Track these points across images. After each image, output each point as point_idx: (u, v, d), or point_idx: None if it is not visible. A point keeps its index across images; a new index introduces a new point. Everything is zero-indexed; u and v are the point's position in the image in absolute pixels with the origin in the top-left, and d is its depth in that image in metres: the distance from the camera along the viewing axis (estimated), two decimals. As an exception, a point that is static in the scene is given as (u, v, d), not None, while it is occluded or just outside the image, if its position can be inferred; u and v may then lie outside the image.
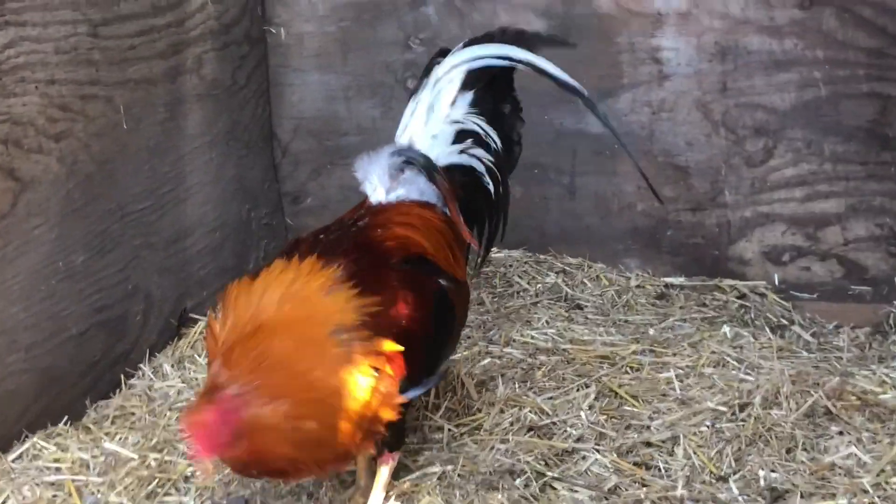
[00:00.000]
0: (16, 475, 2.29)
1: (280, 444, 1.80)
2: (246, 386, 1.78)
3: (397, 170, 2.22)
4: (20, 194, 2.32)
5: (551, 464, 2.25)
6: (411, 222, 2.14)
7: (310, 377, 1.82)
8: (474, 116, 2.35)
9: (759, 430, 2.30)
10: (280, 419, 1.79)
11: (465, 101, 2.35)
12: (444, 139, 2.33)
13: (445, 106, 2.34)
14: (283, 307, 1.87)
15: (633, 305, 3.02)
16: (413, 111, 2.36)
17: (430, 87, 2.35)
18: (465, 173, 2.34)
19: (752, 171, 3.07)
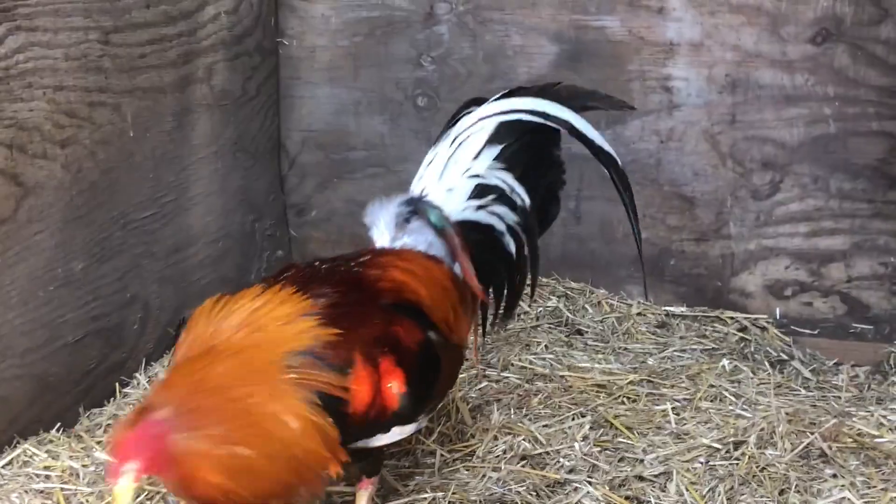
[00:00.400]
0: (5, 481, 2.28)
1: (210, 471, 1.69)
2: (179, 409, 1.69)
3: (404, 219, 2.12)
4: (22, 200, 2.31)
5: (543, 495, 2.23)
6: (412, 269, 2.03)
7: (247, 403, 1.73)
8: (500, 171, 2.21)
9: (752, 469, 2.29)
10: (210, 445, 1.69)
11: (492, 154, 2.21)
12: (460, 193, 2.19)
13: (467, 159, 2.20)
14: (238, 332, 1.80)
15: (633, 333, 3.01)
16: (430, 161, 2.23)
17: (452, 137, 2.22)
18: (480, 231, 2.20)
19: (758, 205, 3.06)
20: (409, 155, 3.27)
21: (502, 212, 2.22)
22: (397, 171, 3.29)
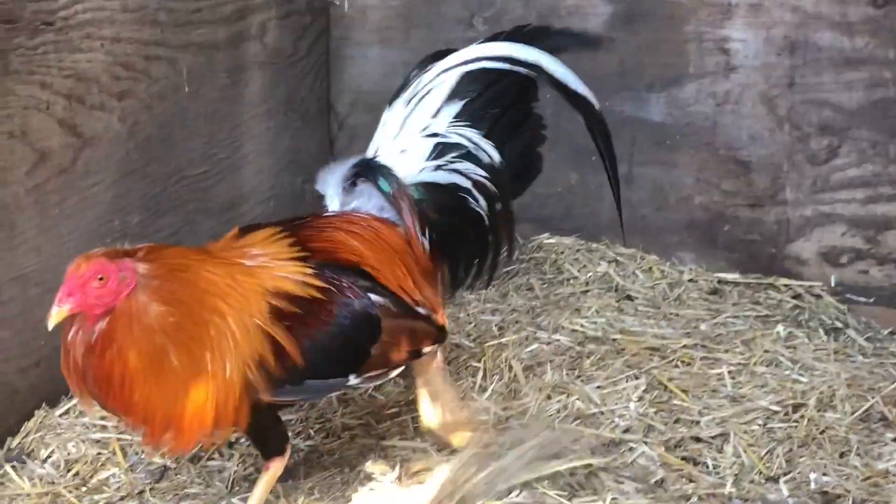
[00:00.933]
0: (62, 430, 2.30)
1: (134, 348, 1.72)
2: (157, 279, 1.74)
3: (351, 183, 2.05)
4: (80, 151, 2.32)
5: (598, 454, 2.21)
6: (356, 231, 1.97)
7: (208, 317, 1.77)
8: (462, 128, 2.07)
9: (812, 432, 2.26)
10: (154, 327, 1.72)
11: (453, 111, 2.08)
12: (417, 154, 2.07)
13: (424, 118, 2.08)
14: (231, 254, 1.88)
15: (684, 300, 2.97)
16: (384, 123, 2.13)
17: (407, 96, 2.12)
18: (443, 192, 2.07)
19: (815, 170, 3.01)
20: (459, 118, 3.25)
21: (466, 168, 2.08)
22: (447, 134, 3.26)
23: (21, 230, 2.21)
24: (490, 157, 2.09)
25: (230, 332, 1.78)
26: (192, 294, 1.78)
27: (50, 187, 2.26)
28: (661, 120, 3.09)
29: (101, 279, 1.71)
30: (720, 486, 2.11)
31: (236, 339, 1.78)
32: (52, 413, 2.34)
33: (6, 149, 2.15)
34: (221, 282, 1.80)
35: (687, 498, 2.07)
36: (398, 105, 2.12)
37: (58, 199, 2.28)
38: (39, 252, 2.25)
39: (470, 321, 2.85)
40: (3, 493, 2.13)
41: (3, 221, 2.16)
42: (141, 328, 1.73)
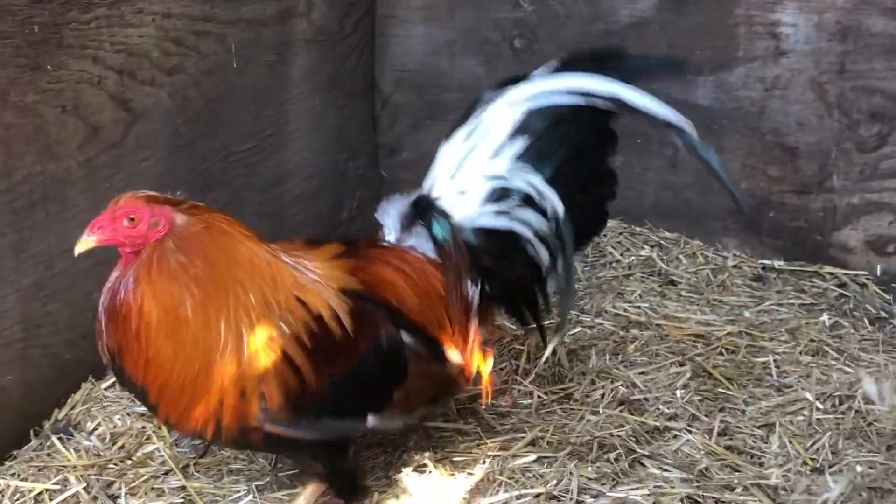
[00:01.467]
0: (108, 403, 2.32)
1: (154, 301, 1.69)
2: (191, 236, 1.71)
3: (409, 222, 1.98)
4: (131, 125, 2.32)
5: (642, 440, 2.21)
6: (405, 270, 1.90)
7: (237, 299, 1.72)
8: (526, 171, 1.95)
9: (858, 423, 2.24)
10: (180, 283, 1.69)
11: (516, 149, 1.95)
12: (476, 196, 1.96)
13: (484, 156, 1.95)
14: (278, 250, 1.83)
15: (728, 286, 2.95)
16: (441, 157, 2.01)
17: (468, 130, 1.99)
18: (502, 240, 1.98)
19: (864, 157, 2.97)
20: (504, 98, 3.23)
21: (527, 217, 1.97)
22: (491, 114, 3.24)
23: (72, 203, 2.22)
24: (553, 207, 1.96)
25: (251, 308, 1.72)
26: (222, 258, 1.73)
27: (101, 161, 2.27)
28: (709, 104, 3.06)
29: (133, 219, 1.71)
30: (765, 476, 2.10)
31: (253, 320, 1.72)
32: (98, 386, 2.36)
33: (59, 122, 2.16)
34: (257, 261, 1.75)
35: (731, 488, 2.07)
36: (457, 138, 2.00)
37: (108, 174, 2.29)
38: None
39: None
40: (50, 464, 2.15)
41: (56, 195, 2.17)
42: (160, 274, 1.69)
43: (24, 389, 2.19)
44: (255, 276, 1.75)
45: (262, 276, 1.75)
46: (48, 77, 2.12)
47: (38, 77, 2.09)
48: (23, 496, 2.06)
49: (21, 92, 2.06)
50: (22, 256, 2.13)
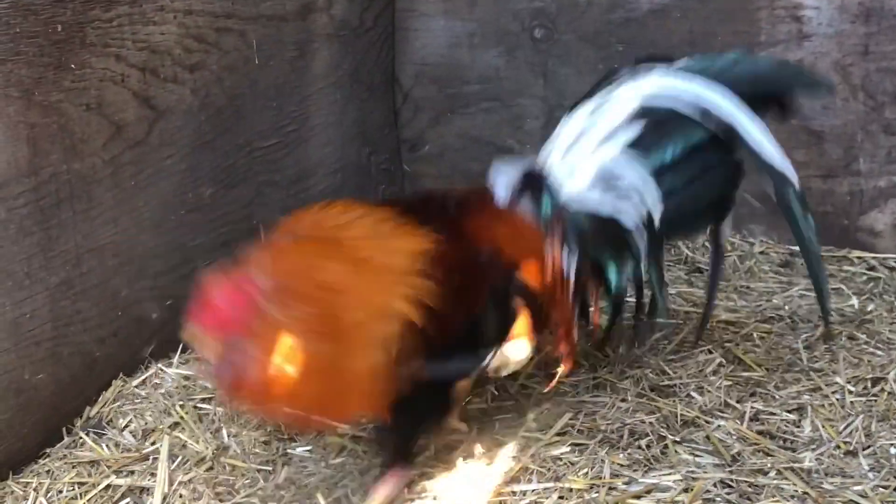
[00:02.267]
0: (139, 400, 2.33)
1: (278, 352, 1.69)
2: (278, 282, 1.71)
3: (518, 193, 2.00)
4: (154, 123, 2.33)
5: (672, 427, 2.19)
6: (518, 233, 1.96)
7: (338, 307, 1.74)
8: (640, 160, 1.98)
9: (892, 406, 2.22)
10: (291, 327, 1.69)
11: (633, 136, 1.99)
12: (586, 177, 2.00)
13: (602, 137, 1.99)
14: (357, 236, 1.83)
15: (756, 272, 2.93)
16: (561, 132, 2.03)
17: (591, 107, 2.02)
18: (606, 225, 2.02)
19: (890, 140, 2.94)
20: (525, 89, 3.22)
21: (634, 205, 2.01)
22: (512, 106, 3.24)
23: (98, 202, 2.23)
24: (654, 203, 2.01)
25: (361, 320, 1.74)
26: (315, 293, 1.73)
27: (125, 159, 2.28)
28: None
29: (224, 300, 1.69)
30: (798, 460, 2.08)
31: (368, 326, 1.75)
32: (129, 383, 2.37)
33: (83, 121, 2.17)
34: (346, 275, 1.76)
35: (764, 472, 2.05)
36: (579, 114, 2.02)
37: (133, 171, 2.30)
38: (116, 223, 2.28)
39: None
40: (82, 460, 2.17)
41: (82, 193, 2.19)
42: (273, 333, 1.69)
43: (55, 387, 2.20)
44: (352, 291, 1.76)
45: (359, 285, 1.76)
46: (72, 76, 2.13)
47: (62, 76, 2.11)
48: (57, 493, 2.08)
49: (45, 91, 2.08)
50: (50, 255, 2.14)
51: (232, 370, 1.70)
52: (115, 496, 2.07)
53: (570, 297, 2.00)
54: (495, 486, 2.03)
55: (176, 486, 2.08)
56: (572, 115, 2.05)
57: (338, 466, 2.13)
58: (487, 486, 2.03)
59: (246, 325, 1.68)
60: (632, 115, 1.99)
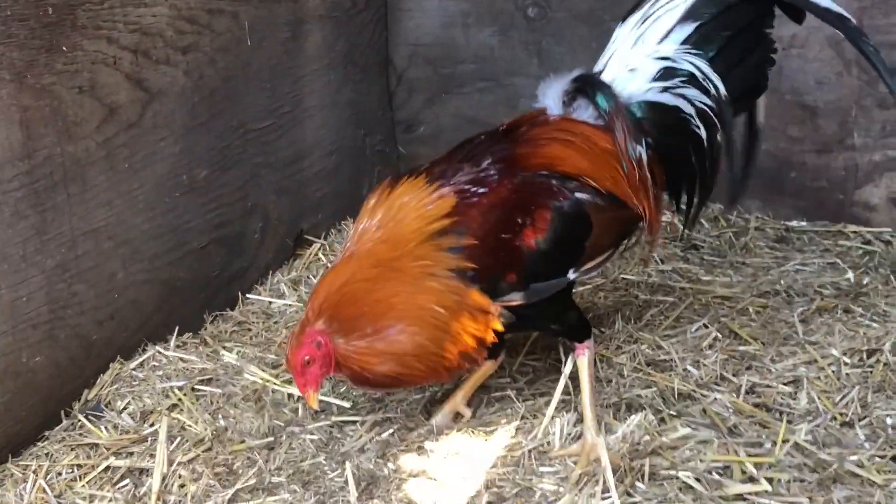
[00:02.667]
0: (136, 383, 2.34)
1: (377, 363, 1.92)
2: (332, 318, 1.91)
3: (571, 97, 2.10)
4: (148, 105, 2.33)
5: (669, 401, 2.20)
6: (571, 140, 2.05)
7: (391, 301, 1.91)
8: (692, 55, 2.10)
9: (887, 377, 2.22)
10: (368, 343, 1.91)
11: (685, 33, 2.10)
12: (645, 74, 2.11)
13: (655, 37, 2.10)
14: (378, 231, 1.96)
15: (751, 248, 2.93)
16: (615, 38, 2.15)
17: (642, 14, 2.12)
18: (667, 113, 2.11)
19: (884, 114, 2.94)
20: (520, 68, 3.22)
21: (692, 95, 2.11)
22: (507, 85, 3.24)
23: (92, 184, 2.23)
24: (716, 89, 2.11)
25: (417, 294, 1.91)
26: (364, 303, 1.92)
27: (119, 142, 2.28)
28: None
29: (309, 361, 1.92)
30: (794, 431, 2.08)
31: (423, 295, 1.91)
32: (126, 365, 2.37)
33: (76, 104, 2.17)
34: (397, 289, 1.92)
35: (760, 444, 2.05)
36: (631, 21, 2.14)
37: (127, 154, 2.30)
38: (111, 206, 2.28)
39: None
40: (81, 443, 2.17)
41: (76, 176, 2.19)
42: (360, 359, 1.92)
43: (53, 370, 2.21)
44: (400, 297, 1.92)
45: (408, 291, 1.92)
46: (64, 58, 2.12)
47: (53, 58, 2.10)
48: (56, 475, 2.08)
49: (38, 74, 2.07)
50: (45, 238, 2.14)
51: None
52: (114, 478, 2.07)
53: (646, 180, 2.09)
54: (492, 464, 2.04)
55: (175, 467, 2.08)
56: (625, 23, 2.15)
57: (333, 448, 2.14)
58: (484, 464, 2.04)
59: (330, 362, 1.93)
60: (685, 12, 2.11)
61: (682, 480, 1.92)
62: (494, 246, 1.94)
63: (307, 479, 2.05)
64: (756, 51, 2.19)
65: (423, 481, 2.03)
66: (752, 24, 2.17)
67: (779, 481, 1.91)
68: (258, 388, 2.30)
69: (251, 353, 2.44)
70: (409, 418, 2.22)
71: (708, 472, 1.94)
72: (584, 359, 2.06)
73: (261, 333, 2.55)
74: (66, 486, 2.06)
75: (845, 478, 1.92)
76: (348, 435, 2.18)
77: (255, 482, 2.05)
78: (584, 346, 2.07)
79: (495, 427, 2.16)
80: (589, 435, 2.02)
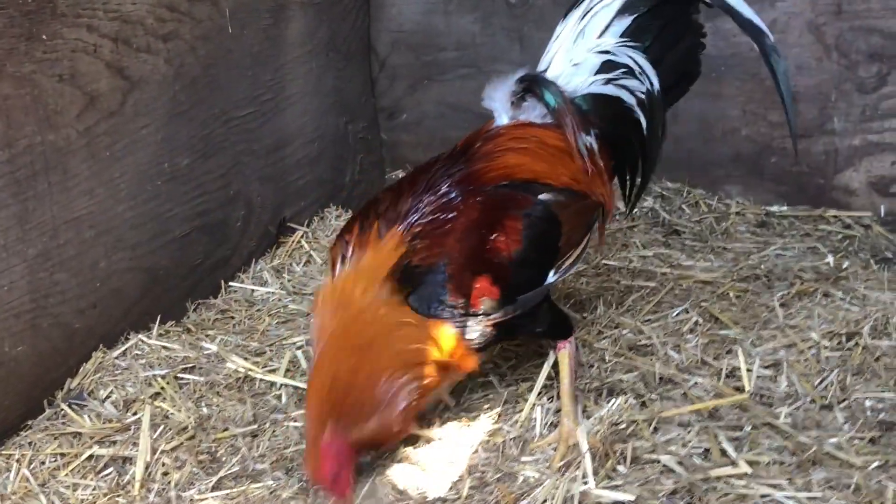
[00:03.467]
0: (119, 371, 2.34)
1: (394, 433, 1.94)
2: (337, 421, 1.87)
3: (519, 97, 2.15)
4: (129, 93, 2.33)
5: (651, 385, 2.22)
6: (524, 146, 2.09)
7: (376, 368, 1.89)
8: (627, 48, 2.19)
9: (867, 359, 2.24)
10: (379, 422, 1.90)
11: (620, 28, 2.20)
12: (588, 68, 2.19)
13: (594, 34, 2.19)
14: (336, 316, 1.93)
15: (732, 233, 2.95)
16: (558, 35, 2.23)
17: (581, 11, 2.21)
18: (608, 104, 2.20)
19: (864, 98, 2.96)
20: (501, 55, 3.22)
21: (631, 86, 2.20)
22: (489, 72, 3.20)
23: (74, 173, 2.23)
24: (652, 78, 2.21)
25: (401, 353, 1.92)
26: (365, 389, 1.90)
27: (100, 130, 2.28)
28: (706, 51, 3.03)
29: (338, 474, 1.87)
30: (774, 415, 2.10)
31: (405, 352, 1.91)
32: (109, 354, 2.38)
33: (56, 92, 2.16)
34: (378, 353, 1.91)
35: (740, 427, 2.07)
36: (572, 18, 2.21)
37: (108, 142, 2.29)
38: (92, 194, 2.27)
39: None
40: (64, 432, 2.17)
41: (57, 164, 2.18)
42: (380, 436, 1.93)
43: (36, 359, 2.21)
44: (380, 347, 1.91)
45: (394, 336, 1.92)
46: (44, 47, 2.12)
47: (33, 47, 2.10)
48: (40, 464, 2.08)
49: (17, 62, 2.07)
50: (26, 227, 2.14)
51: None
52: (97, 466, 2.08)
53: (599, 169, 2.16)
54: (474, 449, 2.05)
55: (158, 455, 2.09)
56: (566, 19, 2.22)
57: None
58: (467, 450, 2.05)
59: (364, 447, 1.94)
60: (620, 7, 2.20)
61: (663, 464, 1.94)
62: (476, 271, 1.94)
63: (290, 466, 2.06)
64: (686, 37, 2.28)
65: (406, 467, 2.04)
66: (681, 13, 2.26)
67: (759, 464, 1.93)
68: (241, 377, 2.31)
69: (234, 342, 2.45)
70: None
71: (689, 456, 1.96)
72: (566, 352, 2.10)
73: (244, 321, 2.55)
74: (50, 475, 2.06)
75: (825, 460, 1.94)
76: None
77: (238, 469, 2.05)
78: (567, 341, 2.10)
79: (478, 413, 2.17)
80: (567, 422, 2.05)
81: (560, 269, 2.08)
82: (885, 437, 2.02)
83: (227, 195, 2.66)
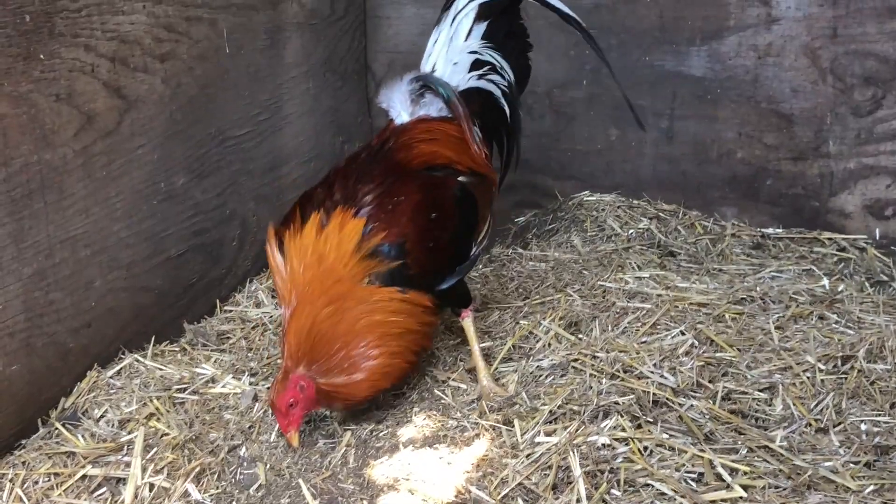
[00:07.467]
0: (114, 391, 2.33)
1: (358, 389, 2.15)
2: (309, 363, 2.10)
3: (418, 95, 2.41)
4: (125, 113, 2.33)
5: (646, 407, 2.21)
6: (434, 137, 2.37)
7: (356, 329, 2.11)
8: (488, 48, 2.52)
9: (862, 383, 2.24)
10: (346, 374, 2.12)
11: (479, 32, 2.52)
12: (463, 66, 2.50)
13: (462, 37, 2.51)
14: (307, 272, 2.12)
15: (727, 254, 2.96)
16: (435, 41, 2.51)
17: (450, 19, 2.50)
18: (482, 96, 2.52)
19: (859, 122, 2.98)
20: (497, 75, 3.22)
21: (496, 79, 2.54)
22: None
23: (70, 192, 2.22)
24: (508, 74, 2.56)
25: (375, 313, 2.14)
26: (328, 339, 2.12)
27: (97, 149, 2.27)
28: (702, 74, 3.06)
29: (293, 403, 2.09)
30: (770, 438, 2.10)
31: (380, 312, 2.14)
32: (104, 373, 2.37)
33: (53, 111, 2.16)
34: (356, 315, 2.13)
35: (736, 450, 2.07)
36: (444, 24, 2.51)
37: (105, 162, 2.29)
38: (88, 214, 2.27)
39: (513, 278, 2.85)
40: (58, 451, 2.16)
41: (53, 184, 2.18)
42: (345, 391, 2.14)
43: (30, 378, 2.20)
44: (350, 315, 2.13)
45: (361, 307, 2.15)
46: (41, 66, 2.12)
47: (31, 66, 2.10)
48: (33, 484, 2.07)
49: (15, 81, 2.07)
50: (22, 246, 2.13)
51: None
52: (91, 486, 2.07)
53: (488, 150, 2.50)
54: (473, 476, 2.05)
55: (152, 475, 2.07)
56: (440, 25, 2.50)
57: (303, 450, 2.15)
58: (460, 479, 2.05)
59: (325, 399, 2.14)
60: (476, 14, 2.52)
61: (656, 488, 1.93)
62: (430, 246, 2.20)
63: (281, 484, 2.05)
64: (520, 37, 2.62)
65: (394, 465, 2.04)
66: (515, 17, 2.61)
67: (754, 488, 1.92)
68: (236, 396, 2.30)
69: (229, 361, 2.44)
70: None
71: (683, 480, 1.95)
72: (469, 320, 2.37)
73: (239, 341, 2.55)
74: (43, 495, 2.05)
75: (820, 484, 1.94)
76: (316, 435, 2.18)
77: (230, 487, 2.04)
78: (468, 310, 2.36)
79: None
80: (483, 378, 2.32)
81: (478, 242, 2.37)
82: (880, 460, 2.02)
83: (223, 215, 2.66)
